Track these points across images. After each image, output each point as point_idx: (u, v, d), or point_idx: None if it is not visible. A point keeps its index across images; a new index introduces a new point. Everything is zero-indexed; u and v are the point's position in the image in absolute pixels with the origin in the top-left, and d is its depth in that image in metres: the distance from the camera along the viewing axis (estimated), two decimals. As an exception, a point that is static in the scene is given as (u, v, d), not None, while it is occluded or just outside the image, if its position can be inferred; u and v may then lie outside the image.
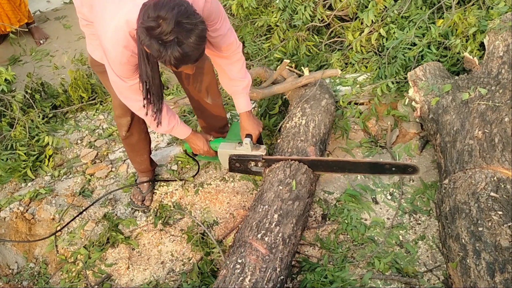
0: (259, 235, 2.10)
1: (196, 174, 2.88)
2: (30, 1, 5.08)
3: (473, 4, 3.07)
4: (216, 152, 2.55)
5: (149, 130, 2.72)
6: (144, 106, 2.02)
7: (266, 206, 2.23)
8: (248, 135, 2.46)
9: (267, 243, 2.07)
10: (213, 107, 2.68)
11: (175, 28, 1.59)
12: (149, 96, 1.98)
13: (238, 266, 1.99)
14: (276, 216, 2.18)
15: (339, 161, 2.47)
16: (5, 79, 3.65)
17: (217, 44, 2.08)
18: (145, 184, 2.83)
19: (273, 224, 2.15)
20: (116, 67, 1.91)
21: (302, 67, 3.08)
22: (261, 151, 2.48)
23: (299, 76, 3.04)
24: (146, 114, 2.08)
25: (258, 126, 2.50)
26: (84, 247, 2.61)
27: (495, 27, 2.72)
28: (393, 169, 2.35)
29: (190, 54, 1.67)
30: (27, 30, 4.82)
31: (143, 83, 1.93)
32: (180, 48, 1.62)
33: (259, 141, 2.56)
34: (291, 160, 2.44)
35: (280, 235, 2.12)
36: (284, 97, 3.17)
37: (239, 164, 2.53)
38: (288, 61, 2.95)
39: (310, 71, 3.09)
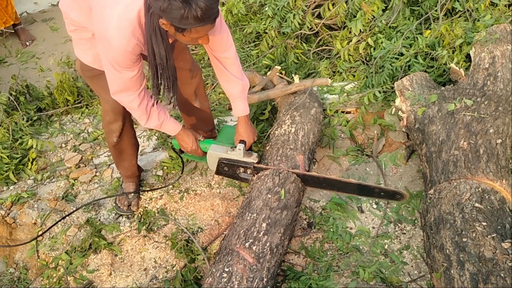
0: (246, 244, 2.07)
1: (179, 178, 2.85)
2: (17, 2, 5.03)
3: (460, 16, 3.11)
4: (204, 152, 2.51)
5: (136, 135, 2.69)
6: (150, 96, 2.03)
7: (254, 215, 2.21)
8: (242, 141, 2.43)
9: (255, 252, 2.04)
10: (200, 111, 2.66)
11: None
12: (161, 81, 1.96)
13: (225, 274, 1.96)
14: (264, 225, 2.16)
15: (330, 179, 2.43)
16: (-11, 81, 3.60)
17: (211, 33, 2.03)
18: (131, 189, 2.80)
19: (261, 233, 2.13)
20: (117, 57, 1.88)
21: (293, 75, 3.08)
22: (253, 158, 2.46)
23: (289, 83, 3.04)
24: (138, 105, 2.07)
25: (254, 134, 2.49)
26: (66, 252, 2.57)
27: (481, 39, 2.75)
28: (382, 193, 2.34)
29: (213, 6, 1.67)
30: (13, 31, 4.76)
31: (154, 68, 1.91)
32: (203, 0, 1.62)
33: (249, 148, 2.54)
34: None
35: (268, 244, 2.10)
36: (273, 103, 3.16)
37: (227, 169, 2.50)
38: (279, 67, 2.95)
39: (300, 78, 3.09)
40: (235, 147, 2.45)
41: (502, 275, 1.80)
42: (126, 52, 1.86)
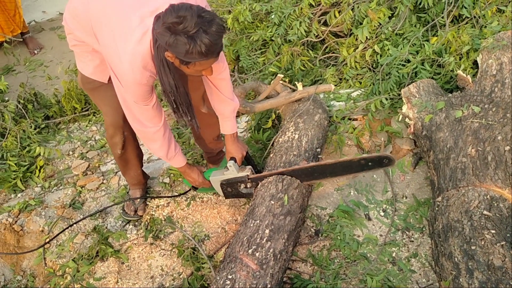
0: (250, 251, 2.07)
1: (188, 191, 2.86)
2: (25, 11, 5.08)
3: (466, 23, 3.10)
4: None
5: (139, 145, 2.70)
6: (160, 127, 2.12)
7: (258, 221, 2.21)
8: (232, 158, 2.47)
9: (258, 259, 2.04)
10: (208, 117, 2.67)
11: (198, 20, 1.67)
12: (176, 107, 2.02)
13: (228, 282, 1.96)
14: (267, 231, 2.16)
15: (318, 166, 2.42)
16: (-2, 89, 3.63)
17: None
18: (138, 195, 2.81)
19: (264, 239, 2.13)
20: (134, 91, 1.96)
21: (296, 82, 3.08)
22: (246, 171, 2.48)
23: (293, 90, 3.04)
24: (163, 135, 2.19)
25: (242, 149, 2.52)
26: (73, 260, 2.57)
27: (488, 46, 2.74)
28: (370, 163, 2.32)
29: (217, 42, 1.75)
30: (21, 40, 4.81)
31: (167, 96, 1.97)
32: (207, 36, 1.70)
33: (250, 163, 2.56)
34: (275, 174, 2.43)
35: (271, 250, 2.10)
36: (277, 111, 3.16)
37: (230, 189, 2.53)
38: (282, 75, 2.95)
39: (304, 86, 3.09)
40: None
41: (511, 283, 1.78)
42: (141, 85, 1.93)
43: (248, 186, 2.49)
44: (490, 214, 2.04)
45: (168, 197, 2.85)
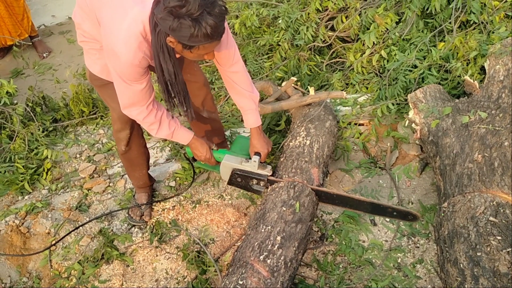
0: (261, 257, 2.05)
1: (191, 183, 2.86)
2: (35, 15, 5.13)
3: (474, 28, 3.09)
4: (217, 161, 2.51)
5: (146, 144, 2.71)
6: (167, 109, 2.03)
7: (269, 227, 2.19)
8: (257, 153, 2.43)
9: (269, 266, 2.02)
10: (210, 121, 2.68)
11: (201, 1, 1.65)
12: (172, 96, 2.01)
13: (238, 287, 1.94)
14: (279, 238, 2.14)
15: (343, 196, 2.40)
16: (7, 92, 3.67)
17: (218, 48, 2.07)
18: (144, 199, 2.82)
19: (276, 246, 2.10)
20: (125, 70, 1.93)
21: (308, 86, 3.08)
22: (267, 171, 2.45)
23: (304, 94, 3.05)
24: (145, 117, 2.13)
25: (268, 144, 2.48)
26: (78, 262, 2.58)
27: (495, 52, 2.73)
28: (394, 213, 2.31)
29: (221, 23, 1.73)
30: (30, 43, 4.85)
31: (163, 85, 1.95)
32: (212, 17, 1.68)
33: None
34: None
35: (282, 258, 2.07)
36: (287, 114, 3.16)
37: (240, 180, 2.50)
38: (295, 78, 2.96)
39: (315, 90, 3.09)
40: (250, 158, 2.46)
41: (517, 290, 1.77)
42: (133, 66, 1.90)
43: (261, 184, 2.48)
44: (496, 221, 2.03)
45: (175, 195, 2.85)
